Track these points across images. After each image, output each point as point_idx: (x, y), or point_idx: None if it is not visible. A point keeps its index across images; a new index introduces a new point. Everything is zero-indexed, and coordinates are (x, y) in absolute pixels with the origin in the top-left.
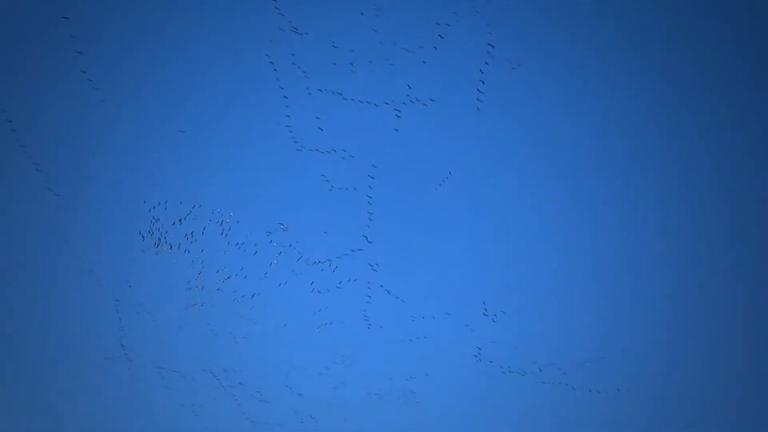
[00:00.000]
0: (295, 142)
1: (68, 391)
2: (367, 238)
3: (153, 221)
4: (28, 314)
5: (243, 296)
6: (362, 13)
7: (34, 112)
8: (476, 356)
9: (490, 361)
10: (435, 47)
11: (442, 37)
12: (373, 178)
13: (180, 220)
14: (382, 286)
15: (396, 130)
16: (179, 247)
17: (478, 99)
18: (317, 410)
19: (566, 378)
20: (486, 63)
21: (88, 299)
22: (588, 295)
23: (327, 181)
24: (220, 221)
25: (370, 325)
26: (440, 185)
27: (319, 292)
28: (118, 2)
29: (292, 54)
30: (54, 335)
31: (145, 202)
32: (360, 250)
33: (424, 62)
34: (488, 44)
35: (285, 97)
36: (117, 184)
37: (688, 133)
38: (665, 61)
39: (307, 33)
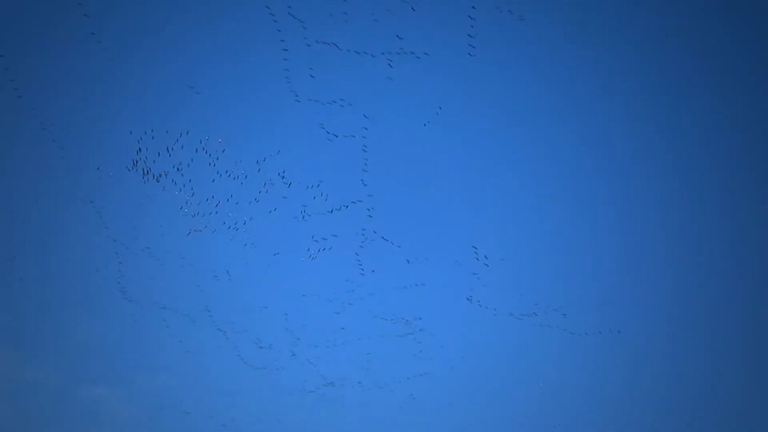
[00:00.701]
0: (292, 89)
1: (69, 326)
2: (363, 182)
3: (139, 151)
4: (30, 253)
5: (236, 222)
6: None
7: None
8: (468, 299)
9: (480, 303)
10: None
11: None
12: (366, 129)
13: (168, 149)
14: (376, 231)
15: (390, 78)
16: (167, 176)
17: (469, 45)
18: (316, 355)
19: (564, 321)
20: (473, 7)
21: (87, 233)
22: (587, 241)
23: (323, 128)
24: (206, 148)
25: (363, 270)
26: (429, 122)
27: (317, 242)
28: None
29: (289, 6)
30: (54, 269)
31: (131, 132)
32: (360, 201)
33: (413, 9)
34: None
35: (285, 50)
36: (107, 117)
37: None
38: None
39: None
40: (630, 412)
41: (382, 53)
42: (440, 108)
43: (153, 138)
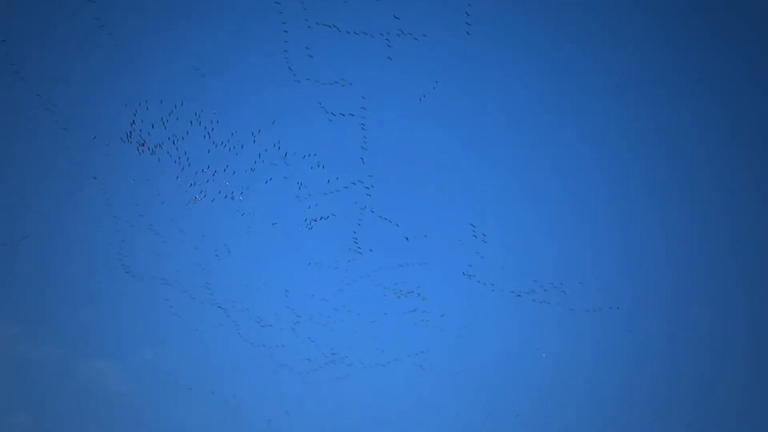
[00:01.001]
0: (291, 68)
1: (71, 304)
2: (362, 160)
3: (133, 123)
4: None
5: (232, 192)
6: None
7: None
8: (468, 276)
9: (475, 278)
10: None
11: None
12: (365, 109)
13: (162, 120)
14: (373, 211)
15: (389, 58)
16: (161, 147)
17: (467, 23)
18: (316, 332)
19: (563, 298)
20: None
21: (90, 210)
22: (586, 219)
23: (322, 107)
24: (200, 120)
25: (359, 247)
26: (424, 97)
27: (315, 220)
28: None
29: None
30: (57, 246)
31: (126, 105)
32: (359, 182)
33: None
34: None
35: (285, 32)
36: (103, 91)
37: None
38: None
39: None
40: (629, 387)
41: (381, 34)
42: (437, 82)
43: (148, 109)
